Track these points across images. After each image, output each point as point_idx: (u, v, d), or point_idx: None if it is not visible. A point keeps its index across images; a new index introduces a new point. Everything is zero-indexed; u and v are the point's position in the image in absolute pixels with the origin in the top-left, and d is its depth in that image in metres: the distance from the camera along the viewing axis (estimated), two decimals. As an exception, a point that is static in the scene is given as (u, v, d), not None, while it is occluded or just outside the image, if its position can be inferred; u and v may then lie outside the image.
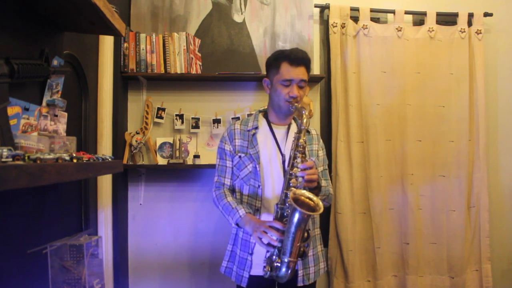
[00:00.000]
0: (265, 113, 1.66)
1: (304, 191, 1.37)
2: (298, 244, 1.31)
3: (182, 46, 2.23)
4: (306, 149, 1.50)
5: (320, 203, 1.33)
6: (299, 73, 1.51)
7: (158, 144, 2.30)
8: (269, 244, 1.35)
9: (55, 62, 1.13)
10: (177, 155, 2.26)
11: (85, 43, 1.60)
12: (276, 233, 1.34)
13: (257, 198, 1.54)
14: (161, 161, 2.28)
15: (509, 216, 2.55)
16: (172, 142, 2.30)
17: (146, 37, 2.21)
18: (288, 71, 1.51)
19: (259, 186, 1.53)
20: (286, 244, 1.32)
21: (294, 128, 1.63)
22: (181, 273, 2.33)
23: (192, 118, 2.31)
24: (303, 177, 1.38)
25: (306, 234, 1.34)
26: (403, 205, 2.37)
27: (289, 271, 1.33)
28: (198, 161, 2.25)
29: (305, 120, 1.45)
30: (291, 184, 1.40)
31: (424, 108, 2.41)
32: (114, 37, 1.88)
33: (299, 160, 1.42)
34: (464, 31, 2.42)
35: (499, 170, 2.56)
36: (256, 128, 1.60)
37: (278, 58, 1.55)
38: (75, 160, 0.90)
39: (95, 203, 1.71)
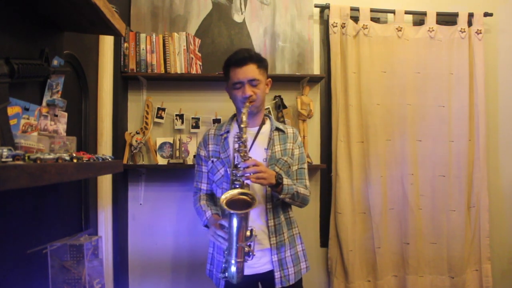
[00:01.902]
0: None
1: (234, 191, 1.37)
2: (240, 244, 1.33)
3: (182, 46, 2.23)
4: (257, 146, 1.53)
5: (255, 197, 1.34)
6: (246, 72, 1.50)
7: (158, 144, 2.30)
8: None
9: (55, 62, 1.13)
10: (177, 155, 2.26)
11: (85, 43, 1.60)
12: (222, 232, 1.39)
13: None
14: (161, 161, 2.28)
15: (509, 216, 2.55)
16: (172, 142, 2.30)
17: (146, 37, 2.21)
18: (235, 73, 1.52)
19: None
20: (230, 245, 1.34)
21: (267, 127, 1.62)
22: (181, 273, 2.33)
23: (192, 118, 2.31)
24: (246, 176, 1.37)
25: (248, 233, 1.34)
26: (403, 205, 2.37)
27: (237, 272, 1.34)
28: (198, 161, 2.25)
29: (244, 118, 1.45)
30: (237, 185, 1.39)
31: (424, 108, 2.41)
32: (114, 37, 1.88)
33: (240, 159, 1.42)
34: (464, 31, 2.43)
35: (499, 170, 2.56)
36: (228, 132, 1.61)
37: (226, 65, 1.57)
38: (75, 160, 0.90)
39: (95, 203, 1.71)
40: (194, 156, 2.25)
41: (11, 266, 1.02)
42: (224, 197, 1.35)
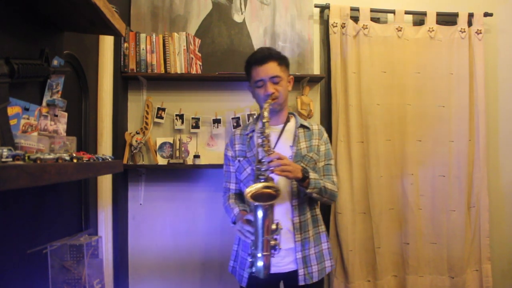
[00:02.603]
0: None
1: (258, 184, 1.37)
2: (265, 237, 1.32)
3: (182, 46, 2.23)
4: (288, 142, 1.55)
5: (279, 189, 1.35)
6: (267, 70, 1.52)
7: (158, 144, 2.30)
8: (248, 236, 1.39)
9: (55, 62, 1.13)
10: (177, 155, 2.26)
11: (85, 43, 1.60)
12: (249, 226, 1.37)
13: None
14: (161, 161, 2.28)
15: (509, 216, 2.55)
16: (172, 142, 2.30)
17: (146, 37, 2.21)
18: (256, 72, 1.53)
19: None
20: (256, 238, 1.34)
21: (292, 124, 1.63)
22: (181, 273, 2.33)
23: (192, 118, 2.31)
24: (271, 169, 1.37)
25: (275, 226, 1.34)
26: (403, 205, 2.37)
27: (263, 266, 1.34)
28: (198, 161, 2.25)
29: (265, 114, 1.45)
30: (262, 179, 1.39)
31: (424, 108, 2.41)
32: (114, 37, 1.88)
33: (263, 155, 1.42)
34: (464, 31, 2.43)
35: (499, 170, 2.56)
36: (253, 131, 1.62)
37: (247, 64, 1.59)
38: (75, 160, 0.90)
39: (95, 203, 1.71)
40: (194, 156, 2.26)
41: (11, 266, 1.02)
42: (249, 190, 1.35)
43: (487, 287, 2.41)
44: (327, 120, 2.44)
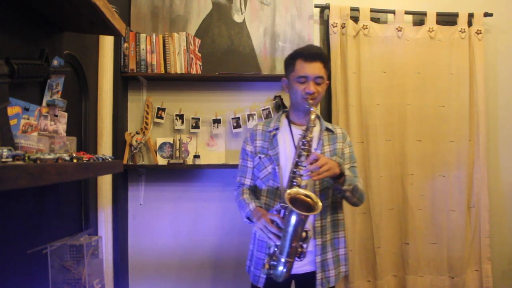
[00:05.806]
0: (287, 114, 1.65)
1: (299, 189, 1.34)
2: (294, 244, 1.29)
3: (182, 46, 2.23)
4: (327, 147, 1.53)
5: (319, 202, 1.30)
6: (314, 68, 1.48)
7: (158, 144, 2.30)
8: (269, 236, 1.34)
9: (55, 62, 1.13)
10: (177, 155, 2.26)
11: (85, 43, 1.61)
12: (275, 228, 1.33)
13: (275, 199, 1.51)
14: (161, 161, 2.28)
15: (509, 216, 2.55)
16: (172, 142, 2.30)
17: (146, 37, 2.21)
18: (302, 67, 1.49)
19: (277, 187, 1.51)
20: (283, 243, 1.30)
21: (317, 127, 1.58)
22: (181, 273, 2.33)
23: (192, 118, 2.31)
24: (308, 174, 1.32)
25: (304, 234, 1.31)
26: (403, 205, 2.37)
27: (285, 271, 1.32)
28: (198, 161, 2.25)
29: (312, 117, 1.43)
30: (295, 183, 1.37)
31: (424, 108, 2.41)
32: (114, 37, 1.88)
33: (303, 158, 1.38)
34: (464, 31, 2.42)
35: (499, 170, 2.55)
36: (277, 128, 1.58)
37: (293, 56, 1.54)
38: (75, 160, 0.90)
39: (95, 203, 1.71)
40: (194, 156, 2.26)
41: (11, 266, 1.02)
42: (289, 193, 1.31)
43: (487, 287, 2.41)
44: (327, 120, 2.42)
